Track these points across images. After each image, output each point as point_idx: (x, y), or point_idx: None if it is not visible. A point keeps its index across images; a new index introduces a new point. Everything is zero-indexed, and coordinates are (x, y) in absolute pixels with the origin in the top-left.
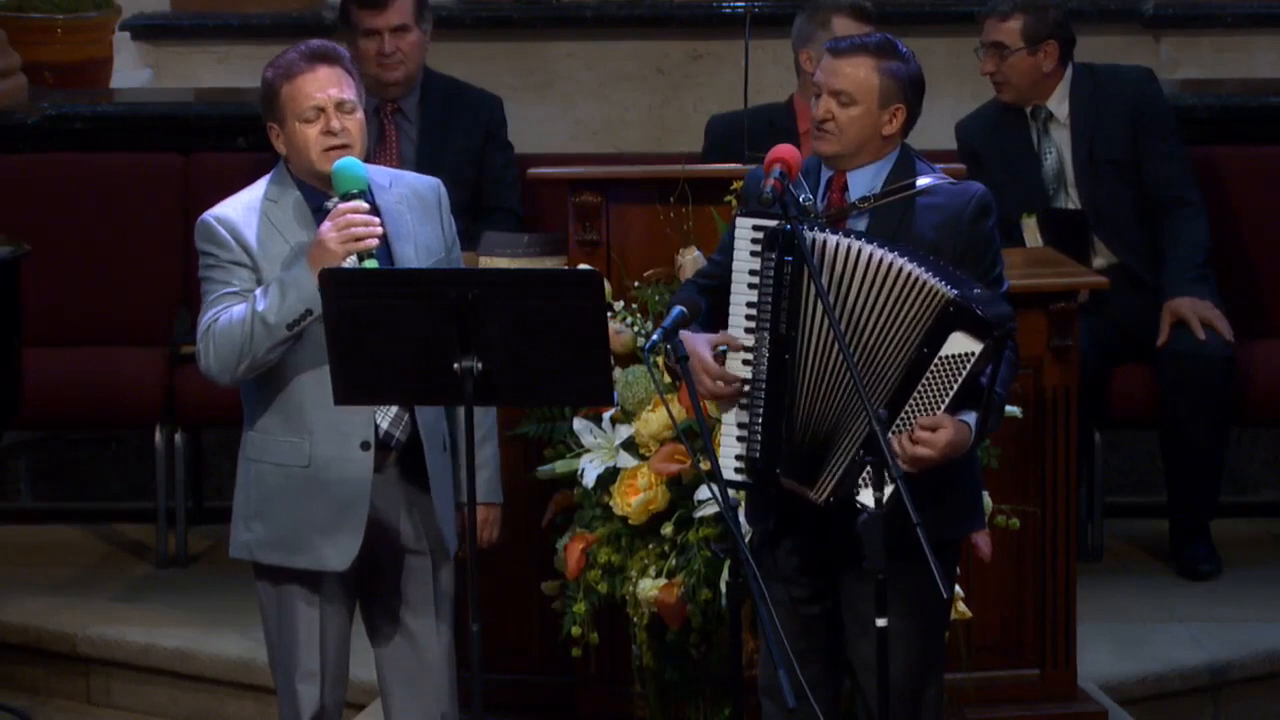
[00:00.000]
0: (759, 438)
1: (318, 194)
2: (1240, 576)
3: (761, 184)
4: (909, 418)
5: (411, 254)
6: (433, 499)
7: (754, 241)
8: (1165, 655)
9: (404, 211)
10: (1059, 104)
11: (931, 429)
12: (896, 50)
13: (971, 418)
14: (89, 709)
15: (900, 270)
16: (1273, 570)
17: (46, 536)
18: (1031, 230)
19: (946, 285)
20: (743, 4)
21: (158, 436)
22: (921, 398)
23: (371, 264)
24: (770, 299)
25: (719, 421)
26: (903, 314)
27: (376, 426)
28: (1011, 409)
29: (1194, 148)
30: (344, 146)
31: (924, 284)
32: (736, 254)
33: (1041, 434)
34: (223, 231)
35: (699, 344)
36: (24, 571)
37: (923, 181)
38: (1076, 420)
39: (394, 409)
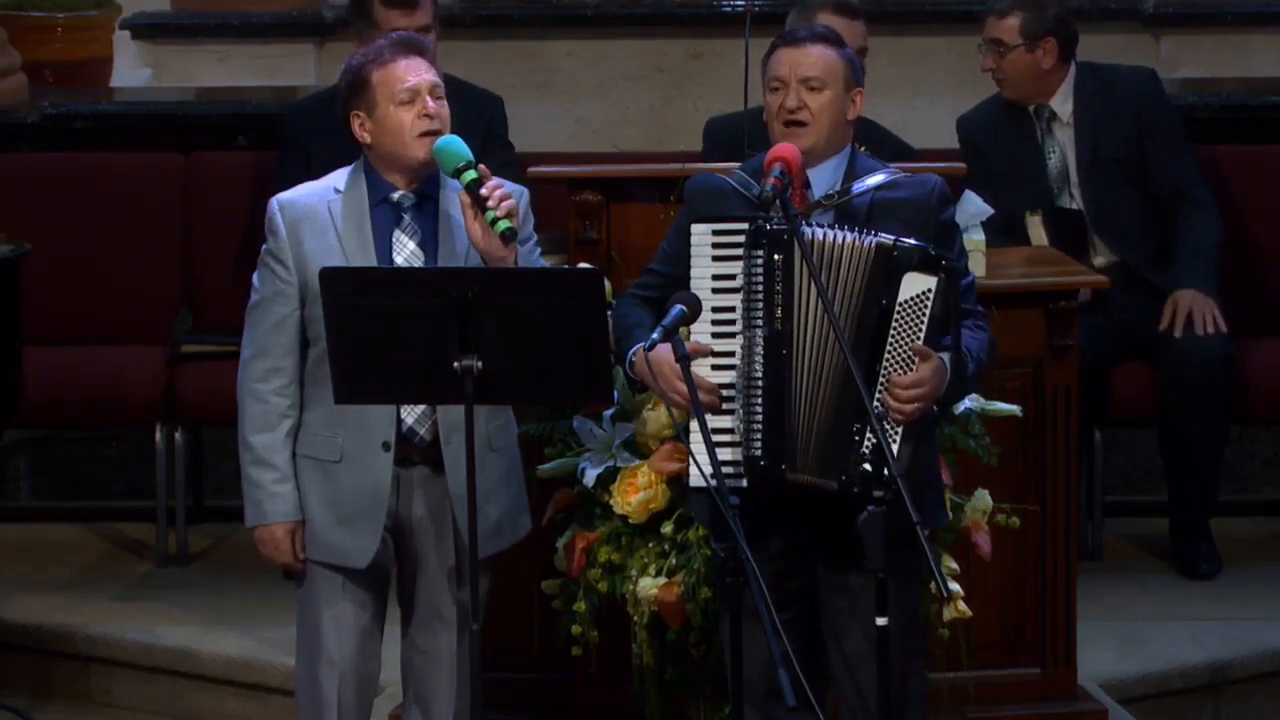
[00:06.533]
0: (758, 438)
1: (385, 185)
2: (1240, 575)
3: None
4: (888, 372)
5: (453, 258)
6: (451, 499)
7: (715, 247)
8: (1166, 654)
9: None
10: (1062, 103)
11: (914, 384)
12: (841, 38)
13: (945, 358)
14: (89, 708)
15: (836, 242)
16: (1273, 569)
17: (47, 535)
18: (1036, 228)
19: (877, 236)
20: (743, 3)
21: (158, 435)
22: (894, 349)
23: (505, 225)
24: (760, 297)
25: (687, 428)
26: (852, 279)
27: (400, 423)
28: (1011, 407)
29: (1194, 147)
30: (437, 132)
31: (853, 244)
32: (696, 261)
33: (1041, 433)
34: (279, 219)
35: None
36: (24, 570)
37: (875, 179)
38: (1076, 419)
39: (421, 405)
